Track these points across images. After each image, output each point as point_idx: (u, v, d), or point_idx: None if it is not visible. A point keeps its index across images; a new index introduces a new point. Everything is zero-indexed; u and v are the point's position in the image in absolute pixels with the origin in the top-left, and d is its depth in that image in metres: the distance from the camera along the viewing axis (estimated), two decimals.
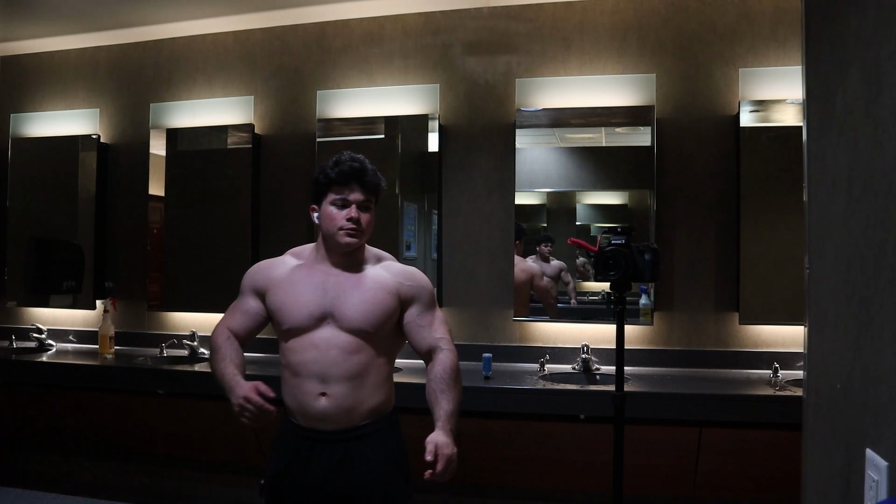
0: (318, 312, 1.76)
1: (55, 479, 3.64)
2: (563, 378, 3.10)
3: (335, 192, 1.78)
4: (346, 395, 1.74)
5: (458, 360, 1.81)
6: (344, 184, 1.77)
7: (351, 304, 1.76)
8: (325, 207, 1.79)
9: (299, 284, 1.80)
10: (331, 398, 1.74)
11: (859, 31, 1.12)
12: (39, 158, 4.14)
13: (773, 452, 2.56)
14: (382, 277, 1.82)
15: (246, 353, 1.88)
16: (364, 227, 1.79)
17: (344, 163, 1.78)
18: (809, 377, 1.42)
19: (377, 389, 1.80)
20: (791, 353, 3.05)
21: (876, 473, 1.02)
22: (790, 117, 3.14)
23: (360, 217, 1.77)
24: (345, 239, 1.77)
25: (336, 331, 1.75)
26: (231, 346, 1.83)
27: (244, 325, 1.87)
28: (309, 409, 1.76)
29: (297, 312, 1.77)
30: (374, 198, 1.82)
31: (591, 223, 3.54)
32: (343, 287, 1.79)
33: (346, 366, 1.74)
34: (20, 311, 4.15)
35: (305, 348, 1.76)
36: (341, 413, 1.75)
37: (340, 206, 1.78)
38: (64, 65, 4.12)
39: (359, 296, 1.77)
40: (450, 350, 1.80)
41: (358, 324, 1.75)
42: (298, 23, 3.70)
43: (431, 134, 3.50)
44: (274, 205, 3.73)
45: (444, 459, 1.59)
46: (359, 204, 1.78)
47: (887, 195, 1.00)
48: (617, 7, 3.32)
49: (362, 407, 1.77)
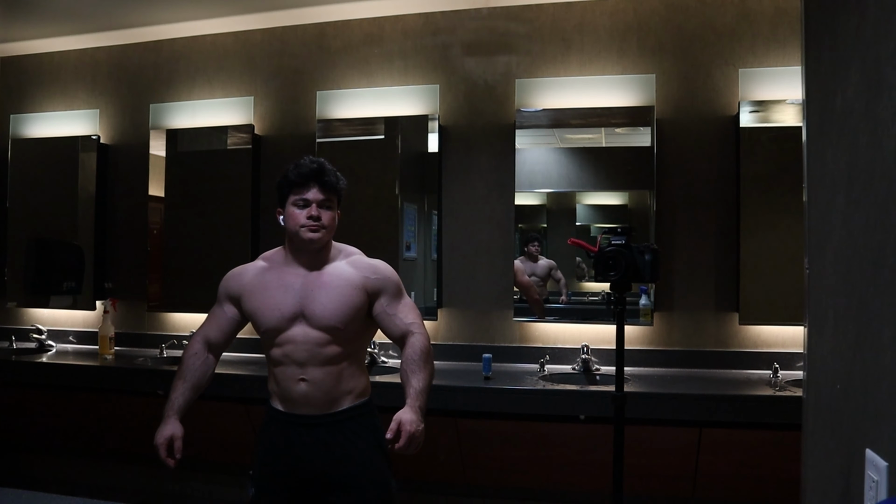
0: (289, 313, 1.87)
1: (55, 479, 3.63)
2: (563, 378, 3.10)
3: (295, 192, 1.89)
4: (324, 380, 1.86)
5: (429, 342, 1.91)
6: (303, 184, 1.88)
7: (320, 304, 1.86)
8: (288, 208, 1.90)
9: (270, 288, 1.91)
10: (309, 383, 1.86)
11: (859, 31, 1.12)
12: (39, 159, 4.14)
13: (773, 452, 2.56)
14: (348, 274, 1.91)
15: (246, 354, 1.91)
16: (326, 224, 1.88)
17: (303, 165, 1.89)
18: (809, 377, 1.42)
19: (353, 376, 1.91)
20: (791, 354, 3.05)
21: (876, 473, 1.02)
22: (790, 117, 3.14)
23: (322, 215, 1.87)
24: (308, 235, 1.86)
25: (308, 328, 1.86)
26: (194, 363, 1.98)
27: (220, 330, 2.01)
28: (290, 394, 1.88)
29: (269, 315, 1.88)
30: (334, 197, 1.91)
31: (591, 224, 3.54)
32: (311, 287, 1.88)
33: (321, 356, 1.85)
34: (20, 312, 4.15)
35: (283, 343, 1.87)
36: (321, 395, 1.86)
37: (301, 205, 1.88)
38: (64, 65, 4.12)
39: (326, 295, 1.87)
40: (421, 333, 1.90)
41: (327, 321, 1.85)
42: (298, 23, 3.70)
43: (431, 134, 3.50)
44: (274, 205, 3.72)
45: (405, 436, 1.68)
46: (319, 203, 1.88)
47: (887, 195, 1.00)
48: (617, 7, 3.32)
49: (339, 390, 1.88)
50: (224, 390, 3.10)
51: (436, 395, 2.84)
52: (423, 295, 3.51)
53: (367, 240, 2.05)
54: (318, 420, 1.87)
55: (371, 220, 3.51)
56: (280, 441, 1.90)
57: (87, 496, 3.51)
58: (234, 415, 3.09)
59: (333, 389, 1.87)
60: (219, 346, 2.02)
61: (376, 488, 1.89)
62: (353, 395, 1.91)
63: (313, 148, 3.60)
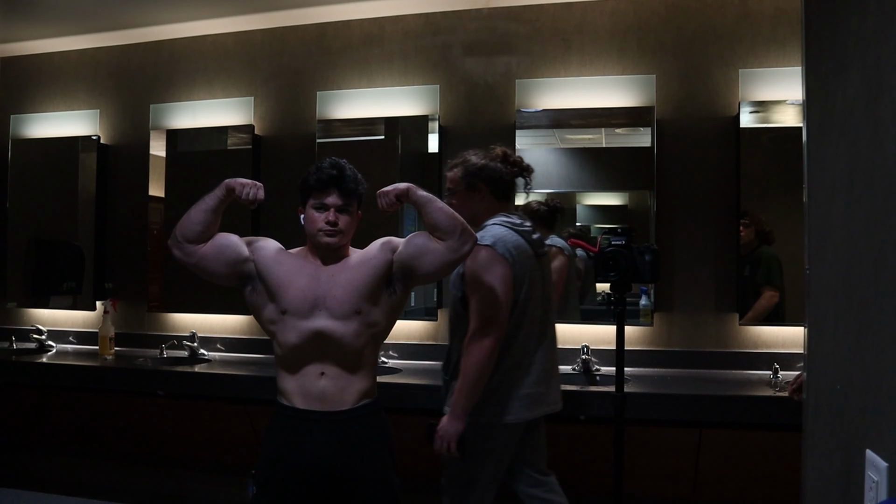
0: (311, 297, 1.89)
1: (55, 480, 3.63)
2: (564, 379, 3.08)
3: (315, 196, 1.93)
4: (342, 375, 1.89)
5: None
6: (322, 189, 1.92)
7: (340, 287, 1.90)
8: (307, 211, 1.96)
9: (295, 271, 1.94)
10: (329, 378, 1.89)
11: (859, 31, 1.12)
12: (39, 159, 4.14)
13: (773, 453, 2.55)
14: (363, 254, 1.98)
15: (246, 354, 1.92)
16: (343, 229, 1.93)
17: (323, 169, 1.93)
18: (809, 378, 1.42)
19: (367, 374, 1.95)
20: (791, 354, 3.05)
21: (876, 474, 1.02)
22: (790, 118, 3.14)
23: (339, 220, 1.91)
24: (324, 239, 1.92)
25: (328, 318, 1.88)
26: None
27: (221, 242, 2.02)
28: (310, 389, 1.89)
29: (293, 294, 1.90)
30: (353, 201, 1.96)
31: (592, 224, 3.54)
32: (332, 273, 1.93)
33: (341, 348, 1.88)
34: (20, 312, 4.15)
35: (303, 335, 1.88)
36: (337, 392, 1.89)
37: (320, 209, 1.92)
38: (64, 66, 4.12)
39: (346, 276, 1.92)
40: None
41: (349, 304, 1.88)
42: (298, 24, 3.70)
43: (431, 135, 3.50)
44: (274, 205, 3.72)
45: None
46: (337, 207, 1.92)
47: (887, 196, 1.00)
48: (617, 8, 3.32)
49: (354, 388, 1.91)
50: (224, 390, 3.10)
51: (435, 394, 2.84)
52: (423, 295, 3.51)
53: (367, 240, 2.05)
54: (332, 416, 1.89)
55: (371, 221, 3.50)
56: (292, 438, 1.90)
57: (88, 496, 3.51)
58: (233, 415, 3.09)
59: (349, 386, 1.90)
60: (207, 248, 2.03)
61: (383, 486, 1.92)
62: (364, 392, 1.94)
63: (313, 148, 3.60)
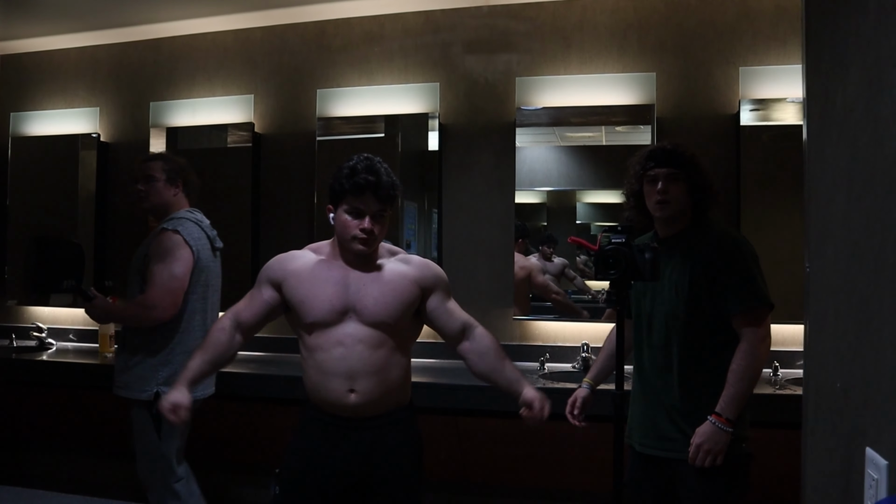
0: (340, 306, 1.81)
1: (55, 477, 3.64)
2: (563, 377, 3.09)
3: (349, 202, 1.80)
4: (373, 390, 1.81)
5: None
6: (358, 195, 1.79)
7: (372, 298, 1.81)
8: (340, 214, 1.82)
9: (320, 279, 1.84)
10: (359, 394, 1.80)
11: (859, 31, 1.12)
12: (39, 157, 4.14)
13: (772, 451, 2.55)
14: (402, 269, 1.89)
15: (246, 353, 1.90)
16: (378, 235, 1.83)
17: (359, 174, 1.78)
18: (809, 376, 1.42)
19: (400, 382, 1.87)
20: (791, 352, 3.05)
21: (876, 472, 1.02)
22: (790, 116, 3.13)
23: (374, 227, 1.80)
24: (357, 247, 1.81)
25: (358, 325, 1.80)
26: (218, 338, 1.90)
27: (253, 312, 1.91)
28: (338, 405, 1.82)
29: (319, 306, 1.81)
30: (389, 206, 1.84)
31: (592, 222, 3.54)
32: (364, 281, 1.84)
33: (371, 361, 1.80)
34: (20, 310, 4.15)
35: (331, 345, 1.80)
36: (369, 406, 1.82)
37: (355, 215, 1.80)
38: (64, 63, 4.11)
39: (379, 289, 1.83)
40: (481, 326, 1.95)
41: (380, 317, 1.80)
42: (298, 21, 3.69)
43: (431, 133, 3.49)
44: (274, 204, 3.73)
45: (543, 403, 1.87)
46: (373, 215, 1.80)
47: (887, 194, 1.00)
48: (617, 6, 3.32)
49: (388, 398, 1.85)
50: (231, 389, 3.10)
51: (435, 393, 2.85)
52: None
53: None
54: (365, 423, 1.84)
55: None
56: (321, 442, 1.86)
57: (88, 494, 3.51)
58: (234, 413, 3.09)
59: (382, 398, 1.83)
60: (249, 327, 1.92)
61: (409, 494, 1.89)
62: (398, 399, 1.89)
63: (313, 146, 3.59)
